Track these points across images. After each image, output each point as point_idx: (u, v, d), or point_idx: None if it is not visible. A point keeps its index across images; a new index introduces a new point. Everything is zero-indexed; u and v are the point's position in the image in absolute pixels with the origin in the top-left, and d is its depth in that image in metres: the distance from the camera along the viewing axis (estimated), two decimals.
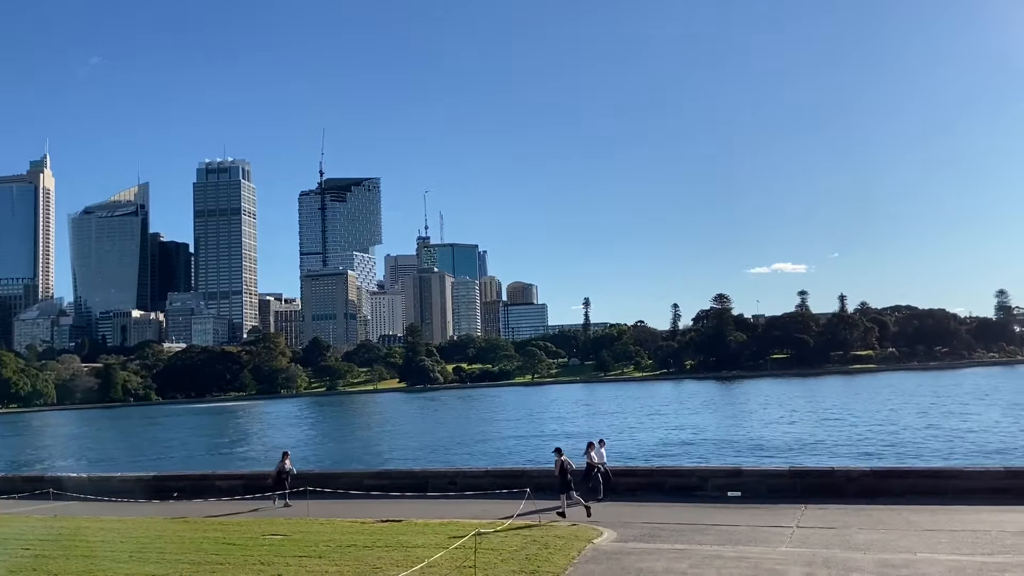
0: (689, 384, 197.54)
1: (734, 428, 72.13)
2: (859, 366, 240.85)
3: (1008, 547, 16.55)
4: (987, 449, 49.39)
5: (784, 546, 17.46)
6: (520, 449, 62.81)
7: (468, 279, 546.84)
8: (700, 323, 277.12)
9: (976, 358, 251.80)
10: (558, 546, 17.34)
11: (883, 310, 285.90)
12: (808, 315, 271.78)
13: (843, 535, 18.49)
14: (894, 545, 17.14)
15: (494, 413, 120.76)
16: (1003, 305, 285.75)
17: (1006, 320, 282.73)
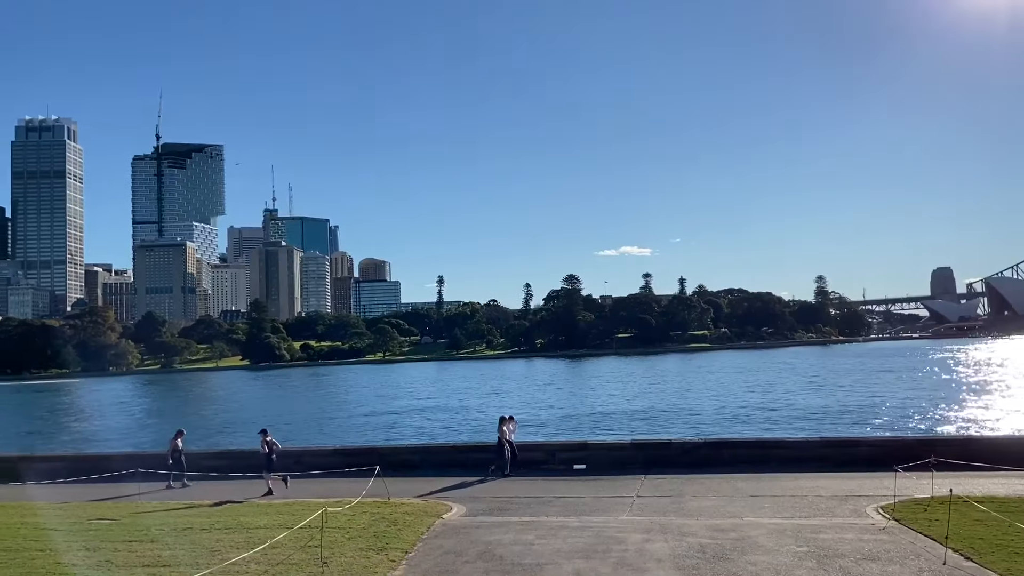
0: (539, 362, 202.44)
1: (580, 404, 74.56)
2: (696, 345, 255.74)
3: (823, 510, 18.06)
4: (806, 420, 53.75)
5: (625, 515, 18.21)
6: (370, 427, 62.06)
7: (318, 254, 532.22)
8: (551, 303, 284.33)
9: (797, 338, 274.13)
10: (407, 522, 17.24)
11: (718, 293, 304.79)
12: (651, 297, 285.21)
13: (678, 502, 19.54)
14: (723, 511, 18.29)
15: (343, 391, 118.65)
16: (821, 290, 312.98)
17: (823, 304, 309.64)
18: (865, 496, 19.28)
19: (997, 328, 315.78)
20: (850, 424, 51.63)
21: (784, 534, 15.47)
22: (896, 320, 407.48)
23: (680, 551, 14.30)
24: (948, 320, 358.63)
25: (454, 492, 21.63)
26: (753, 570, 12.90)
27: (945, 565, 12.77)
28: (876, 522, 16.48)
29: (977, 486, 19.55)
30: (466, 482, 23.10)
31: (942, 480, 18.49)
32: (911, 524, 15.83)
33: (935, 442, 25.55)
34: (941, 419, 52.61)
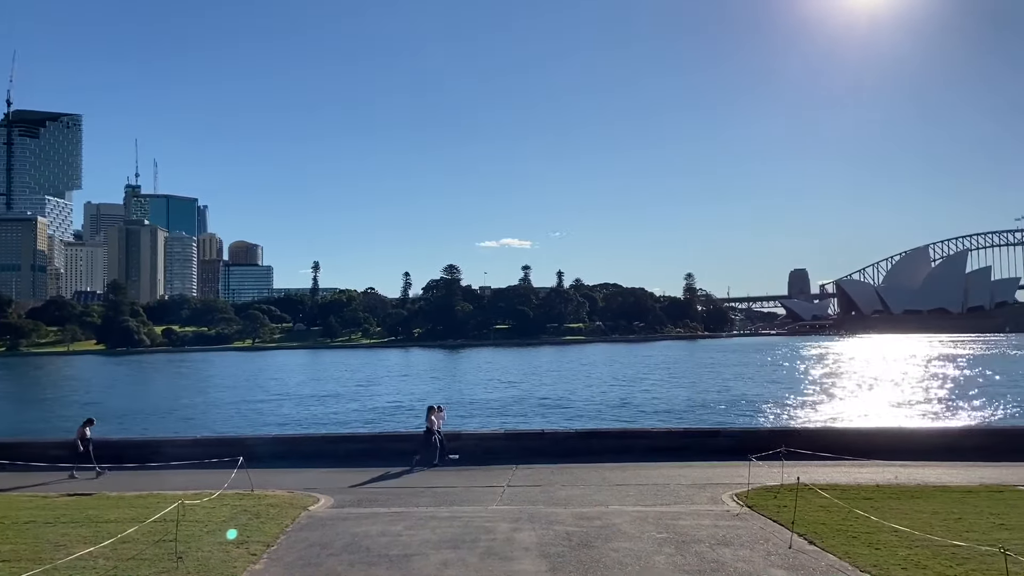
0: (416, 352, 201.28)
1: (455, 394, 74.65)
2: (571, 338, 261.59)
3: (683, 498, 18.82)
4: (670, 412, 55.99)
5: (495, 504, 18.35)
6: (234, 416, 59.79)
7: (184, 235, 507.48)
8: (430, 293, 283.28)
9: (666, 332, 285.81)
10: (270, 515, 16.68)
11: (594, 287, 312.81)
12: (530, 289, 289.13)
13: (548, 492, 19.88)
14: (591, 499, 18.76)
15: (207, 378, 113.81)
16: (690, 287, 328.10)
17: (691, 300, 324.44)
18: (722, 484, 20.23)
19: (845, 327, 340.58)
20: (711, 415, 54.21)
21: (646, 521, 16.02)
22: (756, 317, 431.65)
23: (547, 539, 14.54)
24: (803, 318, 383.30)
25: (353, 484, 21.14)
26: (615, 556, 13.28)
27: (791, 549, 13.57)
28: (731, 509, 17.33)
29: (823, 475, 20.92)
30: (390, 472, 22.74)
31: (792, 469, 19.64)
32: (762, 510, 16.74)
33: (787, 433, 27.16)
34: (793, 411, 56.05)
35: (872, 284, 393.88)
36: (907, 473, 21.63)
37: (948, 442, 26.72)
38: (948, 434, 30.33)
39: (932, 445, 25.93)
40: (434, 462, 24.12)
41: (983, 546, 12.29)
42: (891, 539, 13.66)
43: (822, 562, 12.75)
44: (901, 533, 13.72)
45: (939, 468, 22.39)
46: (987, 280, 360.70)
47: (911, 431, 30.81)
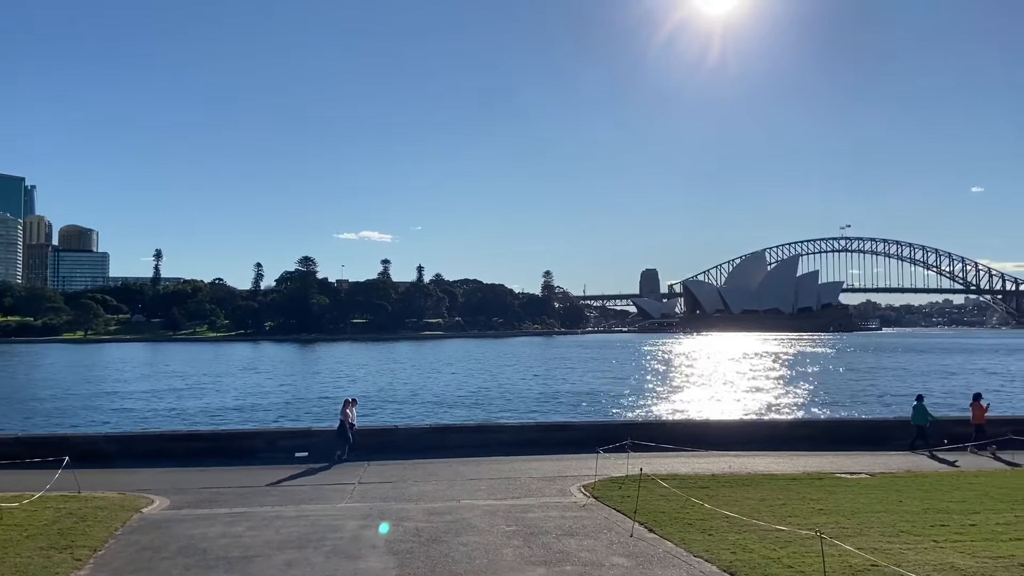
0: (267, 346, 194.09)
1: (306, 389, 72.65)
2: (430, 332, 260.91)
3: (533, 491, 19.19)
4: (525, 406, 57.00)
5: (344, 502, 17.99)
6: (61, 413, 55.45)
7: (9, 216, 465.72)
8: (283, 284, 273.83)
9: (524, 328, 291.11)
10: (99, 518, 15.57)
11: (454, 282, 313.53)
12: (389, 283, 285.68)
13: (399, 488, 19.71)
14: (442, 495, 18.76)
15: (30, 372, 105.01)
16: (548, 284, 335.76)
17: (549, 297, 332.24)
18: (571, 477, 20.79)
19: (691, 325, 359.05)
20: (563, 410, 55.65)
21: (496, 515, 16.19)
22: (610, 315, 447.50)
23: (396, 536, 14.40)
24: (652, 316, 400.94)
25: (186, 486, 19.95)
26: (464, 550, 13.33)
27: (632, 537, 14.11)
28: (578, 500, 17.84)
29: (665, 465, 21.94)
30: (234, 471, 21.80)
31: (637, 460, 20.43)
32: (607, 501, 17.33)
33: (633, 426, 28.28)
34: (639, 405, 58.45)
35: (715, 285, 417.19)
36: (740, 462, 23.06)
37: (777, 433, 28.72)
38: (777, 426, 32.62)
39: (763, 436, 27.81)
40: (344, 456, 23.84)
41: (803, 530, 13.26)
42: (723, 525, 14.49)
43: (660, 549, 13.33)
44: (732, 519, 14.59)
45: (768, 457, 24.00)
46: (815, 283, 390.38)
47: (745, 423, 32.90)
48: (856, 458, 23.77)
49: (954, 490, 18.44)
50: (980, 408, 26.64)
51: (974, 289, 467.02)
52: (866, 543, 13.10)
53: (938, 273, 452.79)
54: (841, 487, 18.98)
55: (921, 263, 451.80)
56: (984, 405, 26.80)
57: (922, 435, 26.24)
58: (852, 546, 12.38)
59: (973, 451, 25.42)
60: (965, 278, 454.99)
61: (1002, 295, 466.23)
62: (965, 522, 14.91)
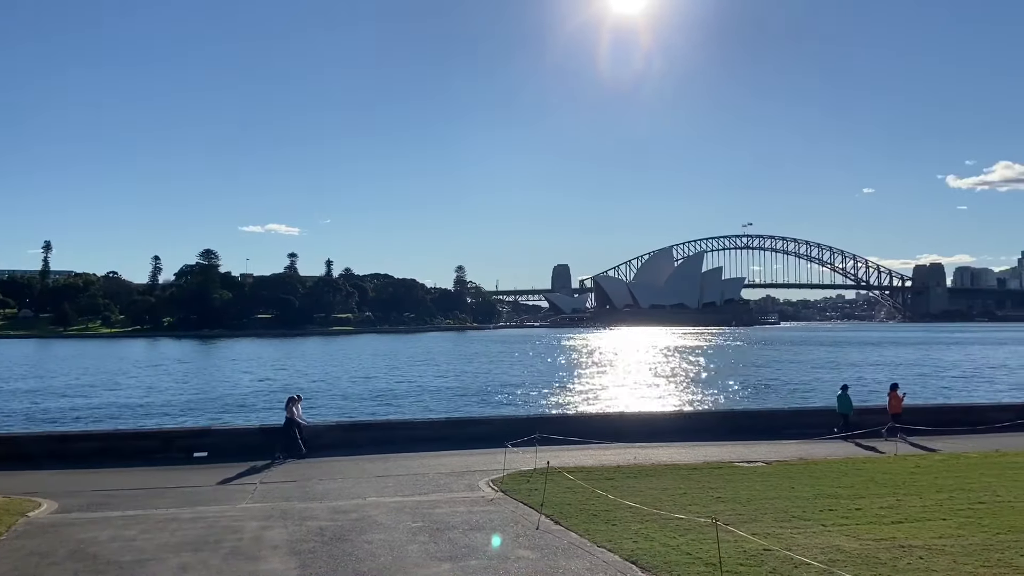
0: (165, 342, 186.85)
1: (206, 387, 70.32)
2: (339, 328, 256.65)
3: (441, 486, 19.14)
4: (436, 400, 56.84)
5: (245, 502, 17.51)
6: None
7: None
8: (183, 278, 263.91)
9: (436, 324, 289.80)
10: None
11: (364, 276, 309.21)
12: (296, 277, 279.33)
13: (304, 487, 19.33)
14: (348, 492, 18.50)
15: None
16: (460, 279, 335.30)
17: (461, 292, 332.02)
18: (480, 471, 20.85)
19: (601, 320, 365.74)
20: (473, 404, 55.75)
21: (403, 511, 16.08)
22: (523, 310, 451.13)
23: (299, 536, 14.11)
24: (564, 311, 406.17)
25: None
26: (369, 548, 13.18)
27: (538, 530, 14.26)
28: (486, 494, 17.90)
29: (572, 458, 22.25)
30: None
31: (545, 453, 20.68)
32: (515, 495, 17.46)
33: (541, 420, 28.64)
34: (548, 399, 59.17)
35: (625, 281, 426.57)
36: (645, 454, 23.63)
37: (680, 424, 29.57)
38: (680, 417, 33.58)
39: (667, 427, 28.57)
40: (294, 453, 23.51)
41: (701, 517, 13.69)
42: (626, 515, 14.82)
43: (564, 540, 13.52)
44: (635, 509, 14.94)
45: (672, 448, 24.69)
46: (719, 279, 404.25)
47: (650, 415, 33.70)
48: (754, 447, 24.71)
49: (843, 476, 19.40)
50: (897, 397, 28.20)
51: (864, 285, 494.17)
52: (760, 529, 13.64)
53: (832, 270, 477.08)
54: (739, 475, 19.70)
55: (816, 260, 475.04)
56: (900, 395, 28.39)
57: (847, 423, 27.67)
58: (747, 532, 12.87)
59: (901, 438, 26.90)
60: (856, 275, 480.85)
61: (889, 291, 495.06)
62: (851, 506, 15.71)
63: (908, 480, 18.72)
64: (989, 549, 12.36)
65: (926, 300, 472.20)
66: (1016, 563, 11.56)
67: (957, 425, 27.93)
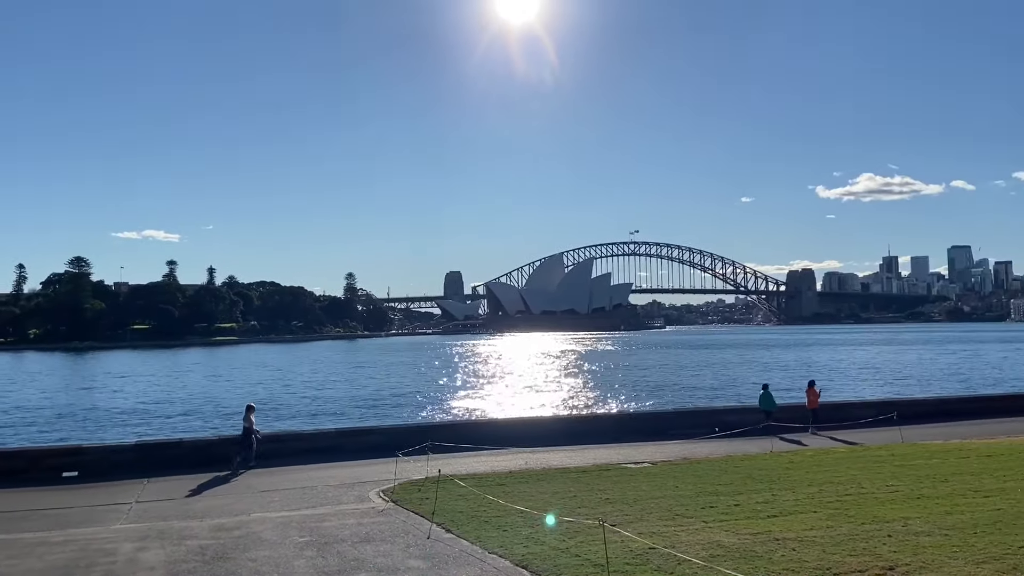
0: (31, 355, 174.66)
1: (76, 403, 66.21)
2: (222, 338, 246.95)
3: (330, 499, 18.73)
4: (324, 411, 55.55)
5: (120, 523, 16.61)
6: None
7: None
8: (51, 287, 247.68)
9: (326, 332, 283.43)
10: None
11: (249, 284, 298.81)
12: (176, 285, 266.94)
13: (183, 505, 18.50)
14: (231, 508, 17.82)
15: None
16: (350, 287, 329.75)
17: (352, 300, 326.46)
18: (370, 482, 20.53)
19: (494, 326, 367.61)
20: (366, 414, 54.85)
21: (289, 526, 15.63)
22: (415, 317, 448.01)
23: (177, 556, 13.47)
24: (456, 318, 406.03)
25: None
26: (253, 566, 12.73)
27: (429, 539, 14.17)
28: (376, 505, 17.65)
29: (464, 465, 22.25)
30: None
31: (436, 462, 20.56)
32: (406, 504, 17.29)
33: (433, 428, 28.48)
34: (441, 406, 58.93)
35: (517, 287, 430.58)
36: (536, 458, 23.90)
37: (570, 428, 30.12)
38: (570, 420, 34.24)
39: (558, 431, 29.02)
40: (251, 464, 23.06)
41: (590, 519, 13.95)
42: (517, 520, 14.93)
43: (456, 548, 13.49)
44: (526, 514, 15.08)
45: (562, 452, 25.07)
46: (607, 285, 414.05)
47: (540, 419, 34.18)
48: (641, 448, 25.42)
49: (723, 474, 20.22)
50: (814, 394, 30.20)
51: (743, 290, 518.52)
52: (645, 528, 14.05)
53: (713, 275, 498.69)
54: (626, 476, 20.21)
55: (699, 266, 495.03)
56: (817, 391, 30.42)
57: (768, 419, 28.98)
58: (633, 532, 13.22)
59: (811, 432, 28.87)
60: (736, 280, 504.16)
61: (765, 295, 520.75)
62: (731, 503, 16.40)
63: (783, 475, 19.70)
64: (855, 539, 13.16)
65: (799, 304, 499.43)
66: (879, 551, 12.36)
67: (828, 422, 29.64)
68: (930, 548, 12.40)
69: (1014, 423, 30.26)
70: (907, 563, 11.64)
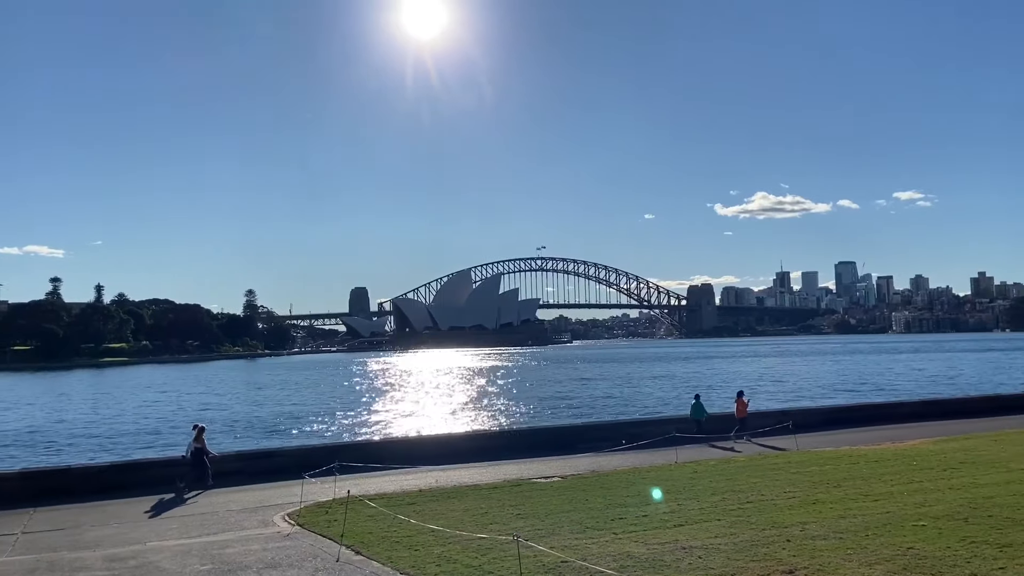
0: None
1: None
2: (112, 359, 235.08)
3: (232, 524, 18.05)
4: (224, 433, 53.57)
5: (5, 556, 15.56)
6: None
7: None
8: None
9: (224, 351, 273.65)
10: None
11: (141, 303, 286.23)
12: (60, 303, 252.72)
13: (74, 535, 17.47)
14: (126, 538, 16.94)
15: None
16: (251, 304, 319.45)
17: (252, 317, 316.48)
18: (275, 505, 19.91)
19: (401, 343, 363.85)
20: (266, 434, 53.22)
21: (190, 554, 14.98)
22: (319, 334, 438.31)
23: None
24: (362, 335, 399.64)
25: None
26: None
27: (338, 562, 13.85)
28: (282, 529, 17.13)
29: (373, 485, 21.88)
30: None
31: (344, 483, 20.14)
32: (313, 527, 16.85)
33: (340, 448, 27.94)
34: (348, 426, 57.79)
35: (424, 303, 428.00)
36: (446, 476, 23.73)
37: (480, 444, 30.06)
38: (480, 437, 34.17)
39: (468, 448, 28.92)
40: (208, 483, 22.59)
41: (502, 535, 13.96)
42: (429, 539, 14.78)
43: (367, 570, 13.24)
44: (437, 532, 14.94)
45: (473, 469, 24.98)
46: (515, 300, 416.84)
47: (450, 436, 33.96)
48: (550, 463, 25.62)
49: (631, 485, 20.60)
50: (743, 403, 31.64)
51: (647, 305, 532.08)
52: (557, 542, 14.15)
53: (618, 290, 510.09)
54: (536, 491, 20.32)
55: (605, 282, 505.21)
56: (746, 401, 31.90)
57: (699, 428, 30.29)
58: (545, 546, 13.30)
59: (745, 439, 29.97)
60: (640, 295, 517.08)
61: (668, 310, 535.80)
62: (639, 513, 16.72)
63: (688, 485, 20.24)
64: (757, 544, 13.64)
65: (699, 317, 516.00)
66: (779, 555, 12.85)
67: (729, 432, 30.65)
68: (826, 551, 12.99)
69: (898, 429, 32.05)
70: (806, 566, 12.14)
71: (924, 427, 32.17)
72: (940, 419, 35.37)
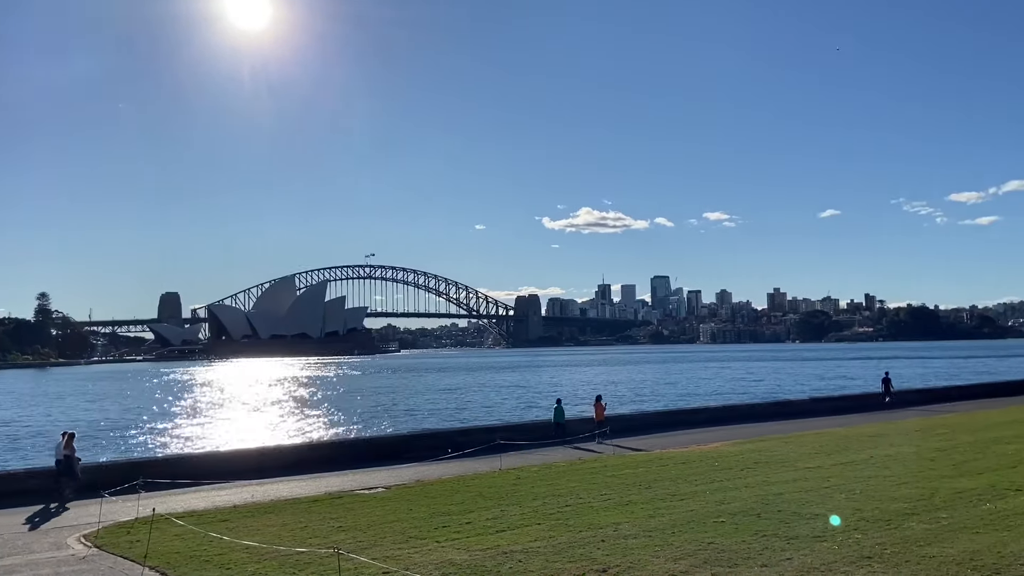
0: None
1: None
2: None
3: (18, 547, 16.37)
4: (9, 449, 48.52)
5: None
6: None
7: None
8: None
9: (11, 360, 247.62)
10: None
11: None
12: None
13: None
14: None
15: None
16: (43, 308, 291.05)
17: (45, 323, 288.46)
18: (69, 527, 18.29)
19: (217, 352, 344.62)
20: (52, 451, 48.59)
21: None
22: (122, 342, 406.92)
23: None
24: (172, 343, 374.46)
25: None
26: None
27: None
28: (77, 552, 15.72)
29: (181, 502, 20.59)
30: None
31: (149, 500, 18.81)
32: (113, 549, 15.60)
33: (144, 464, 26.06)
34: (153, 440, 54.03)
35: (243, 310, 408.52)
36: (263, 490, 22.76)
37: (300, 456, 29.12)
38: (301, 449, 33.05)
39: (287, 461, 27.93)
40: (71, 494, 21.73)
41: (322, 549, 13.58)
42: (243, 556, 14.09)
43: None
44: (252, 549, 14.28)
45: (293, 482, 24.13)
46: (342, 308, 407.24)
47: (268, 449, 32.56)
48: (374, 474, 25.25)
49: (455, 494, 20.71)
50: (600, 407, 33.12)
51: (475, 314, 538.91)
52: (380, 553, 13.96)
53: (447, 300, 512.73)
54: (359, 503, 19.94)
55: (434, 291, 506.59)
56: (603, 405, 33.37)
57: (561, 431, 31.33)
58: (367, 557, 13.09)
59: (599, 441, 31.05)
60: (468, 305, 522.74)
61: (496, 320, 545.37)
62: (462, 521, 16.84)
63: (510, 491, 20.64)
64: (574, 546, 14.15)
65: (526, 327, 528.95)
66: (594, 555, 13.41)
67: (555, 438, 31.61)
68: (637, 549, 13.71)
69: (703, 432, 34.48)
70: (618, 564, 12.75)
71: (725, 430, 34.80)
72: (738, 423, 38.41)
